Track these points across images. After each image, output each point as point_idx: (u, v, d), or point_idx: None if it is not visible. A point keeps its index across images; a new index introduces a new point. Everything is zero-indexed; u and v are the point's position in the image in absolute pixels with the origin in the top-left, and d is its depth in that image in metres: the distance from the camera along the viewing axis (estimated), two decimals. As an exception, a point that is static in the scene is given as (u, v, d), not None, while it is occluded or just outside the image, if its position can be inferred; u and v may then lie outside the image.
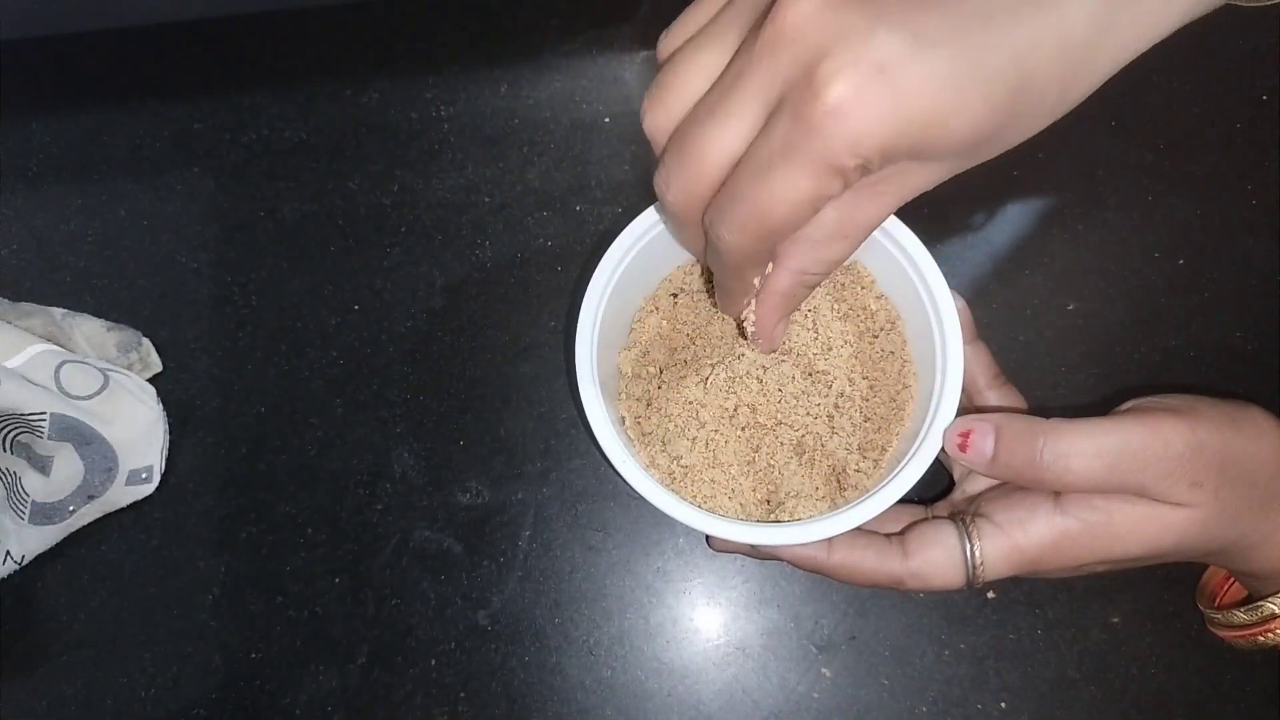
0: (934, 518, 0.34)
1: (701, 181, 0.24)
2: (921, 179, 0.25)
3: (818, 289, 0.33)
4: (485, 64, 0.48)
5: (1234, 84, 0.46)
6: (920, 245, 0.32)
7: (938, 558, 0.32)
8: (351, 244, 0.46)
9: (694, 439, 0.33)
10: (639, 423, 0.35)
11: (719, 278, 0.29)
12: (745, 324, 0.31)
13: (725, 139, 0.23)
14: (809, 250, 0.26)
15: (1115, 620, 0.39)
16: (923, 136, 0.22)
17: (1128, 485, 0.29)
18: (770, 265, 0.28)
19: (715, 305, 0.35)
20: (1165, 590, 0.39)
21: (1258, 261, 0.43)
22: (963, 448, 0.30)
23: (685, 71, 0.24)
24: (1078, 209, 0.45)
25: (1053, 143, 0.29)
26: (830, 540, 0.32)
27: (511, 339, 0.44)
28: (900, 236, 0.32)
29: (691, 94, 0.24)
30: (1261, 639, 0.33)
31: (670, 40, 0.26)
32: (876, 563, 0.32)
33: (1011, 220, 0.45)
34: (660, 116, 0.25)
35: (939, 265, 0.32)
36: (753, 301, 0.30)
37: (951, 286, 0.32)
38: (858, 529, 0.32)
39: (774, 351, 0.33)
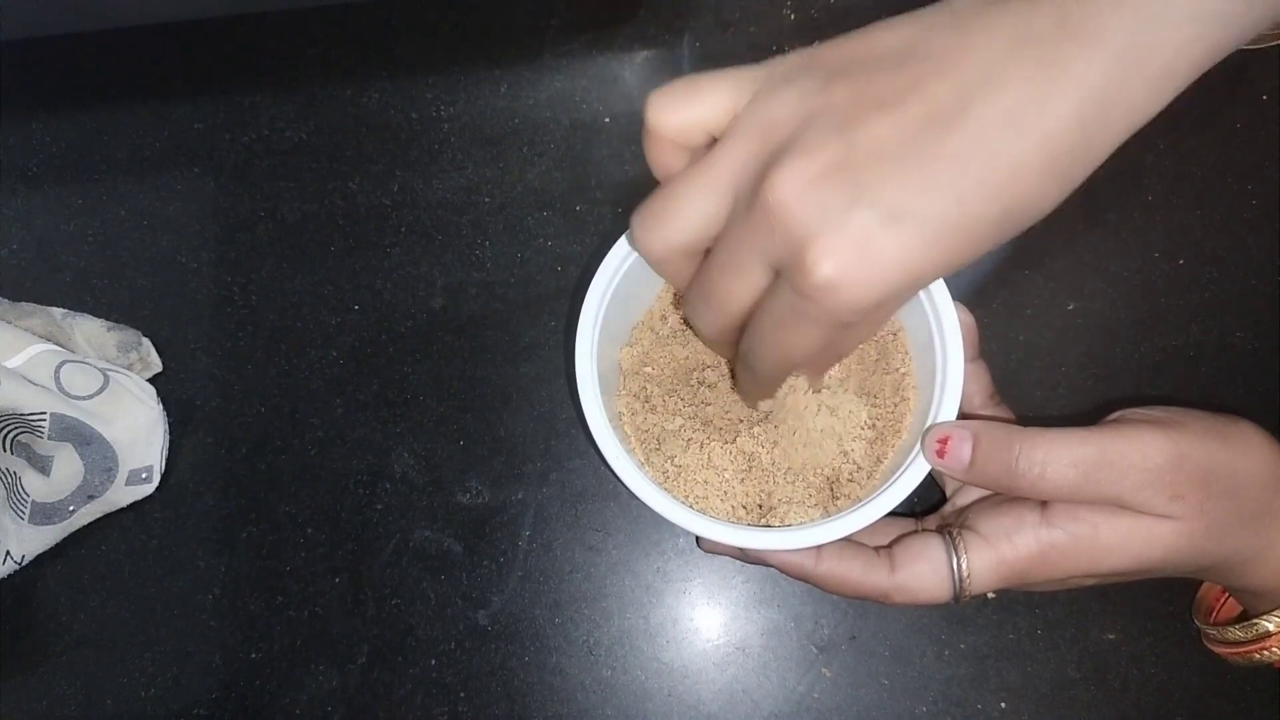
0: (922, 530, 0.34)
1: (728, 321, 0.28)
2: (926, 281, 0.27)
3: None
4: (485, 64, 0.48)
5: (1234, 84, 0.46)
6: None
7: (924, 571, 0.32)
8: (352, 244, 0.46)
9: (689, 440, 0.33)
10: (635, 420, 0.35)
11: (746, 386, 0.33)
12: (739, 377, 0.33)
13: (740, 289, 0.27)
14: (835, 345, 0.29)
15: (1115, 621, 0.39)
16: (914, 284, 0.24)
17: (1104, 495, 0.29)
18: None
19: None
20: (1165, 592, 0.39)
21: (1258, 261, 0.43)
22: (940, 454, 0.30)
23: (679, 209, 0.27)
24: (1078, 209, 0.44)
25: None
26: (819, 549, 0.32)
27: (511, 339, 0.44)
28: None
29: (686, 232, 0.27)
30: (1257, 656, 0.32)
31: (658, 154, 0.28)
32: (862, 574, 0.32)
33: (1011, 220, 0.45)
34: (657, 243, 0.27)
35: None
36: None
37: (952, 289, 0.32)
38: (846, 540, 0.32)
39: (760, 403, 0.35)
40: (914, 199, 0.23)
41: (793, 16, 0.48)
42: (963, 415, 0.35)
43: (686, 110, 0.26)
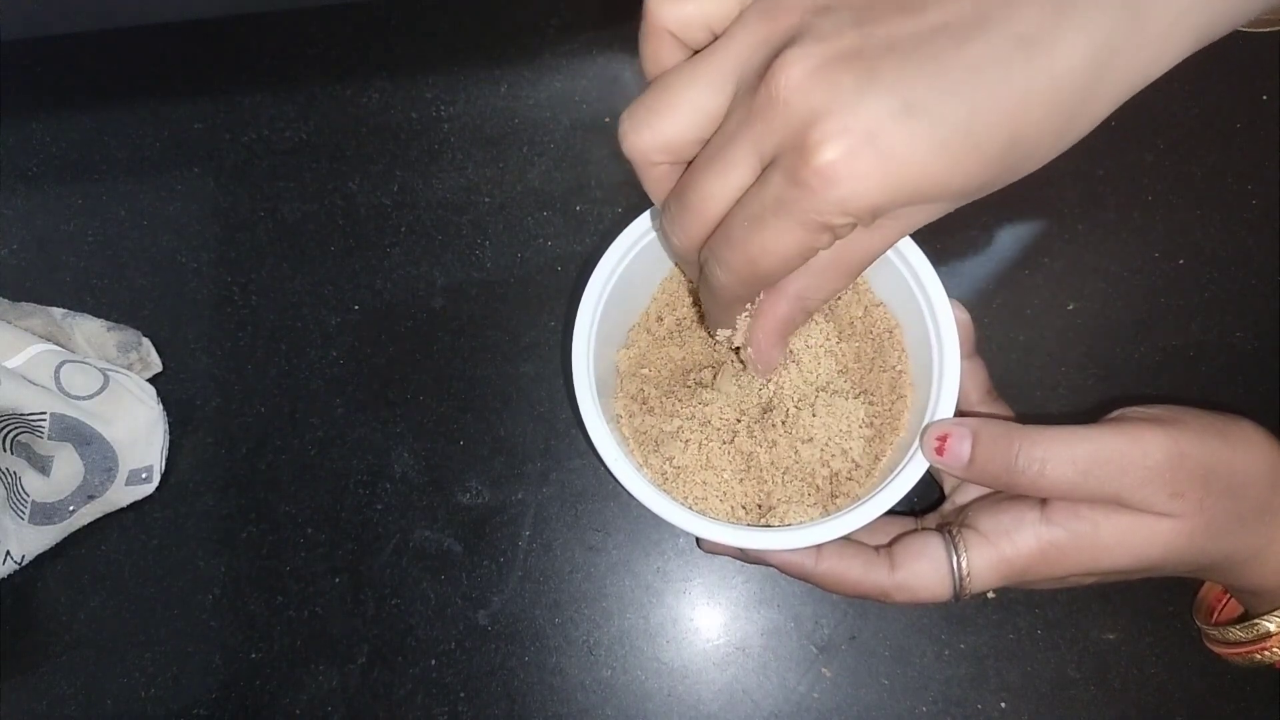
0: (922, 529, 0.34)
1: (702, 227, 0.26)
2: (920, 217, 0.25)
3: None
4: (485, 64, 0.48)
5: (1234, 84, 0.46)
6: (922, 255, 0.32)
7: (924, 570, 0.32)
8: (352, 244, 0.46)
9: (687, 441, 0.33)
10: (633, 421, 0.35)
11: (707, 305, 0.30)
12: (742, 351, 0.31)
13: (723, 188, 0.24)
14: (807, 279, 0.27)
15: (1115, 621, 0.39)
16: (913, 195, 0.23)
17: (1103, 492, 0.29)
18: (760, 296, 0.28)
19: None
20: (1165, 591, 0.39)
21: (1258, 261, 0.43)
22: (940, 451, 0.30)
23: (673, 102, 0.25)
24: (1078, 209, 0.45)
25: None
26: (819, 548, 0.32)
27: (511, 339, 0.44)
28: (901, 245, 0.32)
29: (678, 126, 0.25)
30: (1258, 656, 0.32)
31: (655, 49, 0.26)
32: (862, 574, 0.32)
33: (1011, 220, 0.45)
34: (645, 138, 0.25)
35: (939, 266, 0.32)
36: (748, 329, 0.30)
37: (952, 289, 0.32)
38: (846, 539, 0.32)
39: (770, 372, 0.33)
40: (930, 97, 0.22)
41: None
42: (960, 412, 0.35)
43: (664, 132, 0.25)
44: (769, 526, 0.32)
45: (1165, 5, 0.23)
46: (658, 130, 0.25)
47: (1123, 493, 0.29)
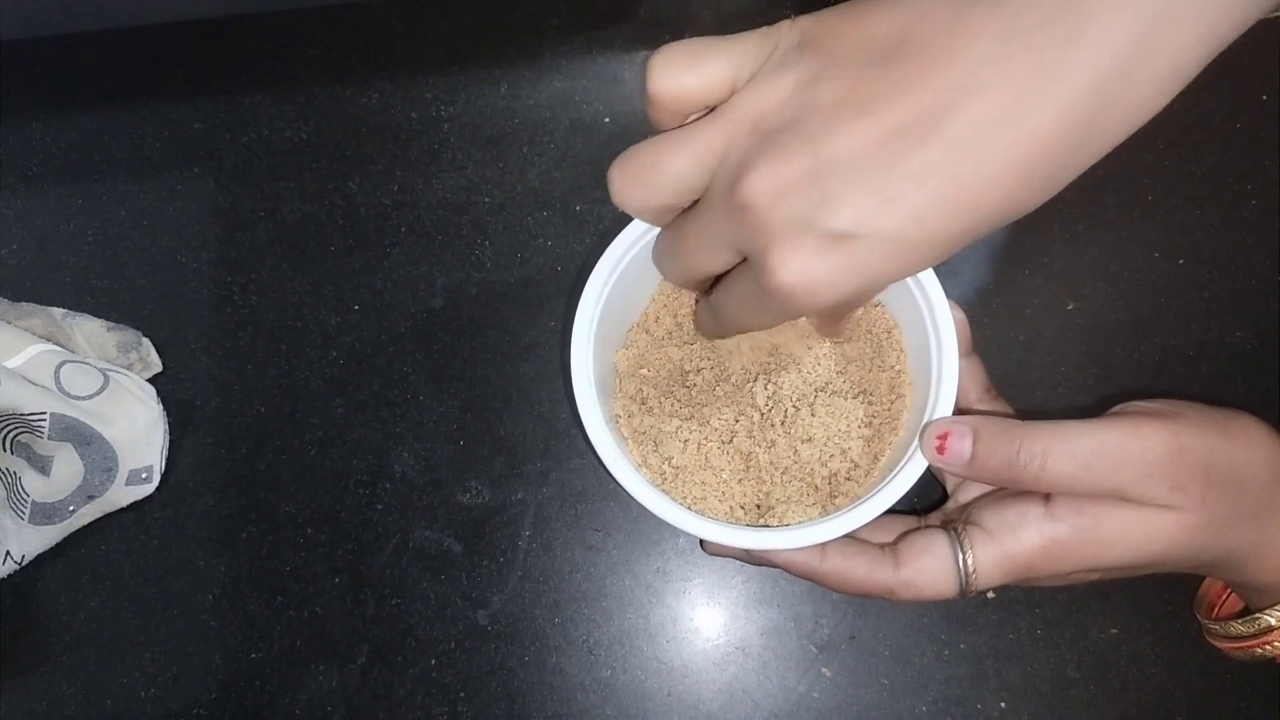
0: (926, 527, 0.34)
1: (693, 281, 0.31)
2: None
3: None
4: (485, 64, 0.48)
5: (1234, 84, 0.46)
6: None
7: (929, 567, 0.31)
8: (351, 244, 0.46)
9: (686, 441, 0.33)
10: (632, 422, 0.35)
11: (709, 323, 0.33)
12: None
13: (708, 261, 0.28)
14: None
15: (1115, 620, 0.39)
16: (871, 290, 0.26)
17: (1104, 485, 0.29)
18: None
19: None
20: (1165, 590, 0.39)
21: (1258, 261, 0.43)
22: (940, 450, 0.30)
23: (661, 169, 0.27)
24: (1078, 209, 0.45)
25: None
26: (823, 547, 0.32)
27: (511, 339, 0.44)
28: None
29: (661, 194, 0.28)
30: (1259, 651, 0.32)
31: (655, 114, 0.28)
32: (868, 572, 0.32)
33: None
34: (634, 200, 0.28)
35: (938, 266, 0.32)
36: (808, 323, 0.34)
37: (952, 289, 0.32)
38: (851, 538, 0.32)
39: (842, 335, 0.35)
40: (870, 216, 0.24)
41: (793, 16, 0.47)
42: (960, 411, 0.35)
43: (686, 79, 0.27)
44: (768, 526, 0.32)
45: (1164, 44, 0.22)
46: (645, 196, 0.28)
47: (1124, 486, 0.29)
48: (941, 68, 0.23)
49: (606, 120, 0.47)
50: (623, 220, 0.34)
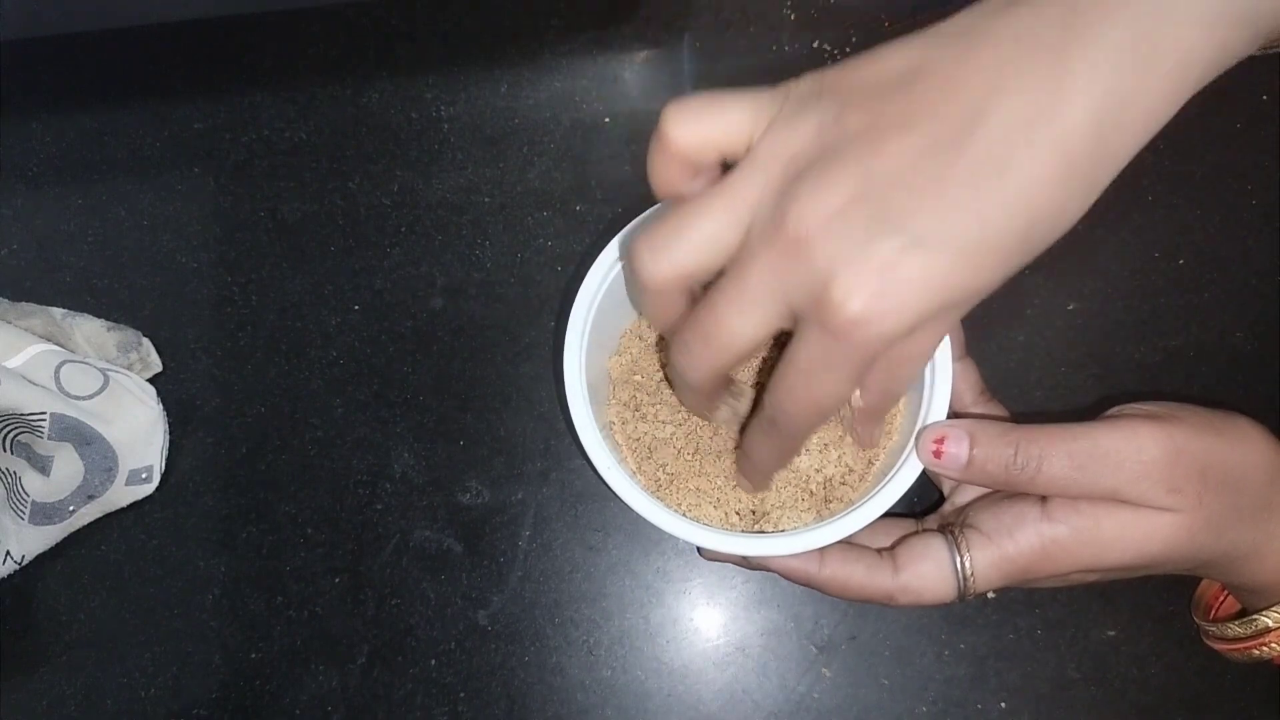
0: (924, 531, 0.34)
1: (725, 361, 0.27)
2: (960, 311, 0.26)
3: None
4: (485, 64, 0.48)
5: (1234, 84, 0.46)
6: None
7: (928, 571, 0.32)
8: (351, 244, 0.46)
9: (680, 448, 0.33)
10: (626, 429, 0.35)
11: (768, 452, 0.30)
12: (849, 433, 0.33)
13: (746, 326, 0.25)
14: (886, 378, 0.28)
15: (1115, 620, 0.39)
16: (943, 306, 0.24)
17: (1100, 487, 0.29)
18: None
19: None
20: (1165, 591, 0.39)
21: (1258, 261, 0.43)
22: (937, 454, 0.30)
23: (692, 234, 0.26)
24: (1078, 209, 0.44)
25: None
26: (821, 553, 0.32)
27: (511, 339, 0.44)
28: None
29: (696, 258, 0.26)
30: (1256, 652, 0.33)
31: (665, 167, 0.27)
32: (866, 577, 0.32)
33: (1011, 220, 0.45)
34: (665, 268, 0.26)
35: None
36: (851, 422, 0.32)
37: None
38: (849, 543, 0.32)
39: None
40: (936, 223, 0.23)
41: (793, 16, 0.47)
42: (955, 414, 0.35)
43: (704, 125, 0.26)
44: (764, 533, 0.32)
45: (1172, 45, 0.22)
46: (678, 259, 0.26)
47: (1120, 488, 0.29)
48: (964, 82, 0.23)
49: (606, 120, 0.47)
50: (623, 220, 0.34)
